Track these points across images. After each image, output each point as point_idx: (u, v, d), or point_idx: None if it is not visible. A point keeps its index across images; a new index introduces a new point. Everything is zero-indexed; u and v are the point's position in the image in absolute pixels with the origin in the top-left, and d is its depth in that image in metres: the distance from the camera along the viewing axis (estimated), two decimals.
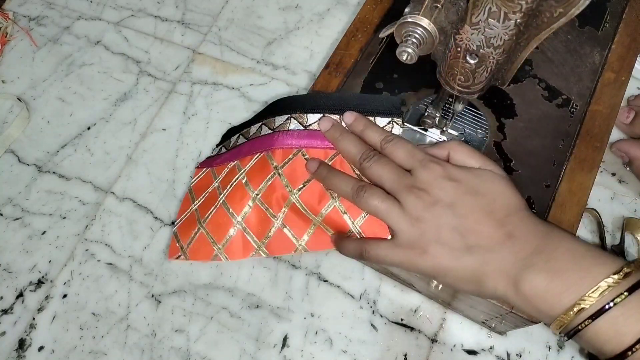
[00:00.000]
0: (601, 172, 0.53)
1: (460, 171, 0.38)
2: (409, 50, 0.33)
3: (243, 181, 0.43)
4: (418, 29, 0.33)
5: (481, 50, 0.33)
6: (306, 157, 0.42)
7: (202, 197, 0.46)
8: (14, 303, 0.51)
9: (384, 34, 0.36)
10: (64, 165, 0.57)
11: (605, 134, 0.44)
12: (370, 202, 0.38)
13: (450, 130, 0.44)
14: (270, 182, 0.42)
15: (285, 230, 0.42)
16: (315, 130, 0.43)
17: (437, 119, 0.44)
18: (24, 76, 0.63)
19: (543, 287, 0.33)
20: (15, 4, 0.67)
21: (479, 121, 0.45)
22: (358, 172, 0.41)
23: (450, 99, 0.43)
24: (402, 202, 0.37)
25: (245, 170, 0.43)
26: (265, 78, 0.60)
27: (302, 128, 0.43)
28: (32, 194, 0.56)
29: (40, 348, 0.49)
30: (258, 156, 0.43)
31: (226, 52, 0.62)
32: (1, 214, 0.55)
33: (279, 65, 0.61)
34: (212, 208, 0.44)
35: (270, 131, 0.44)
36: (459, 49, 0.34)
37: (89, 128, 0.59)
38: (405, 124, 0.46)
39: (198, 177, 0.48)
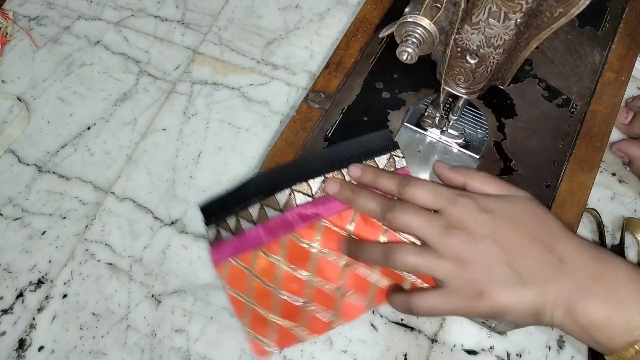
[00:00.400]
0: (601, 172, 0.53)
1: (493, 201, 0.35)
2: (409, 50, 0.33)
3: (288, 269, 0.41)
4: (418, 29, 0.33)
5: (481, 50, 0.33)
6: (327, 225, 0.40)
7: (250, 293, 0.42)
8: (14, 303, 0.51)
9: (384, 34, 0.36)
10: (64, 165, 0.57)
11: (605, 134, 0.44)
12: (406, 261, 0.35)
13: (450, 130, 0.44)
14: (317, 262, 0.41)
15: (351, 298, 0.41)
16: (324, 196, 0.41)
17: (437, 119, 0.44)
18: (24, 76, 0.63)
19: (603, 319, 0.31)
20: (15, 4, 0.67)
21: (479, 121, 0.45)
22: (385, 227, 0.39)
23: (450, 99, 0.43)
24: (440, 247, 0.35)
25: (283, 258, 0.41)
26: (265, 78, 0.60)
27: (309, 199, 0.41)
28: (32, 194, 0.56)
29: (40, 348, 0.49)
30: (284, 240, 0.41)
31: (226, 52, 0.62)
32: (1, 214, 0.55)
33: (279, 65, 0.61)
34: (273, 302, 0.42)
35: (278, 212, 0.41)
36: (459, 49, 0.34)
37: (89, 128, 0.59)
38: (405, 123, 0.46)
39: (225, 273, 0.43)
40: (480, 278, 0.34)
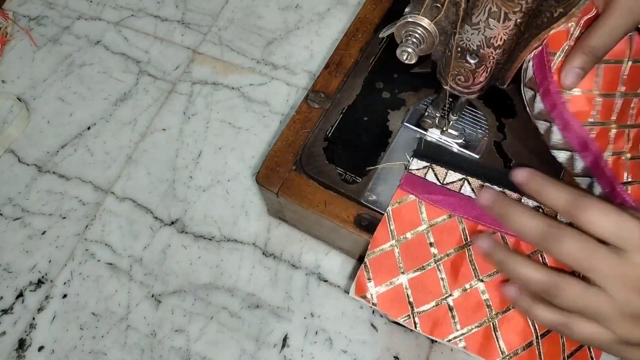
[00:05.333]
0: None
1: None
2: (409, 50, 0.34)
3: (468, 254, 0.38)
4: (418, 29, 0.33)
5: (481, 50, 0.33)
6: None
7: (406, 236, 0.40)
8: (14, 303, 0.51)
9: (384, 34, 0.36)
10: (64, 165, 0.57)
11: None
12: (579, 332, 0.31)
13: (450, 130, 0.44)
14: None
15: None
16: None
17: (437, 119, 0.44)
18: (24, 76, 0.63)
19: None
20: (15, 4, 0.67)
21: (479, 121, 0.45)
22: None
23: (450, 99, 0.43)
24: (612, 293, 0.30)
25: (470, 244, 0.38)
26: (265, 78, 0.60)
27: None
28: (32, 194, 0.56)
29: (40, 348, 0.49)
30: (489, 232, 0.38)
31: (226, 52, 0.62)
32: (1, 214, 0.55)
33: (279, 65, 0.61)
34: (424, 264, 0.39)
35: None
36: (459, 49, 0.34)
37: (89, 128, 0.59)
38: (405, 123, 0.46)
39: (401, 201, 0.40)
40: None
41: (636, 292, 0.29)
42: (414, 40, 0.33)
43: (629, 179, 0.37)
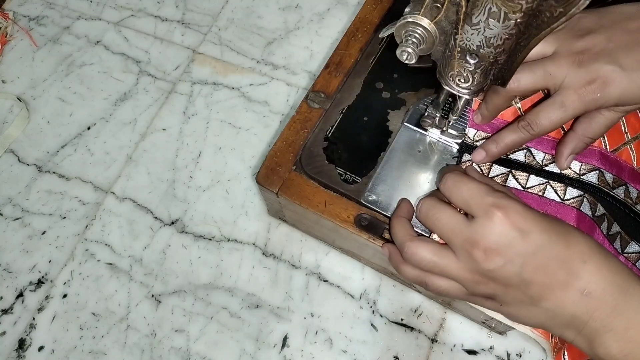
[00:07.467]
0: None
1: (529, 219, 0.33)
2: (409, 50, 0.33)
3: None
4: (418, 29, 0.33)
5: (481, 50, 0.33)
6: None
7: None
8: (14, 303, 0.51)
9: (384, 34, 0.36)
10: (64, 165, 0.57)
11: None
12: (420, 254, 0.35)
13: (450, 130, 0.44)
14: None
15: None
16: None
17: (437, 119, 0.44)
18: (24, 76, 0.63)
19: (619, 357, 0.31)
20: (15, 4, 0.67)
21: None
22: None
23: (450, 99, 0.43)
24: (457, 255, 0.34)
25: None
26: (265, 78, 0.60)
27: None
28: (32, 194, 0.56)
29: (40, 348, 0.49)
30: None
31: (226, 52, 0.62)
32: (1, 214, 0.55)
33: (279, 65, 0.61)
34: None
35: None
36: (459, 49, 0.34)
37: (89, 128, 0.59)
38: (405, 123, 0.46)
39: None
40: (495, 291, 0.34)
41: (479, 251, 0.32)
42: (414, 40, 0.33)
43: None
